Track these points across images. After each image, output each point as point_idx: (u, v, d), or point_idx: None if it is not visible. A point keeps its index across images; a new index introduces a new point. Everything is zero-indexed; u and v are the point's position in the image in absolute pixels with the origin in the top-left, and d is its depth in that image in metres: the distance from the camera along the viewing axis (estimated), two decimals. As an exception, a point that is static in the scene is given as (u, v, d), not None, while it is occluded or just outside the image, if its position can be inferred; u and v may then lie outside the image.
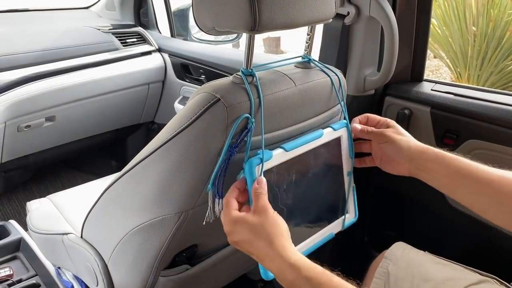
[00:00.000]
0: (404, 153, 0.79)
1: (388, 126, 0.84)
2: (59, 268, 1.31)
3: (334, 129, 0.82)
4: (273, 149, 0.72)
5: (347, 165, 0.87)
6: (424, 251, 0.98)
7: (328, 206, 0.86)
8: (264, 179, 0.68)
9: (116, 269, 0.93)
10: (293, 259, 0.63)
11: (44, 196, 1.33)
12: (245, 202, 0.70)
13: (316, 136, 0.79)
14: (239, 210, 0.68)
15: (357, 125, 0.84)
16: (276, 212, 0.67)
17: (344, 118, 0.87)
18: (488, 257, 1.15)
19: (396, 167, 0.82)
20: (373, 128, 0.83)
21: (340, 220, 0.88)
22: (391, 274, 0.92)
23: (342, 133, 0.84)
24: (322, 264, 0.64)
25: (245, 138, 0.69)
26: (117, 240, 0.88)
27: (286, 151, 0.73)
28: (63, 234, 1.08)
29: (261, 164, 0.68)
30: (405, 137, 0.81)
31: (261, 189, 0.67)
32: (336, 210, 0.88)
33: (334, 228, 0.87)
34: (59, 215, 1.20)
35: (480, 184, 0.72)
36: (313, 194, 0.82)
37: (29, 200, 1.35)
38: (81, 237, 1.03)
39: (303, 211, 0.79)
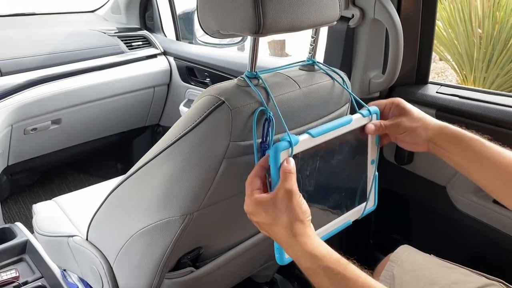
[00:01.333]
0: (423, 138, 0.78)
1: (399, 112, 0.81)
2: (64, 270, 1.32)
3: (364, 116, 0.79)
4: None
5: (372, 153, 0.85)
6: (430, 254, 0.97)
7: (348, 193, 0.85)
8: (292, 160, 0.66)
9: (121, 271, 0.93)
10: (310, 247, 0.63)
11: (50, 198, 1.34)
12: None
13: (345, 122, 0.76)
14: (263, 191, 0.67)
15: (371, 125, 0.81)
16: (301, 195, 0.66)
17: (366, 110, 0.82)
18: (494, 261, 1.14)
19: (415, 147, 0.81)
20: (386, 122, 0.81)
21: (359, 207, 0.87)
22: (396, 277, 0.92)
23: (369, 120, 0.81)
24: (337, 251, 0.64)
25: (268, 131, 0.69)
26: (122, 243, 0.88)
27: (313, 137, 0.71)
28: (69, 236, 1.08)
29: (289, 149, 0.67)
30: (421, 122, 0.79)
31: (291, 168, 0.65)
32: (355, 197, 0.87)
33: (352, 215, 0.86)
34: (65, 217, 1.20)
35: (496, 167, 0.72)
36: (335, 181, 0.80)
37: (35, 203, 1.35)
38: (87, 239, 1.03)
39: (324, 197, 0.79)
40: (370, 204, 0.90)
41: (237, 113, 0.67)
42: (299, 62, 0.86)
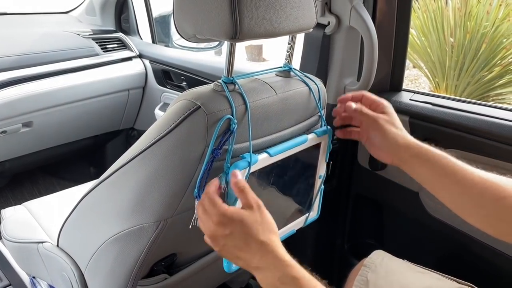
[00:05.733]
0: (390, 147, 0.79)
1: (383, 111, 0.81)
2: (33, 277, 1.28)
3: (317, 135, 0.84)
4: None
5: (321, 169, 0.90)
6: (403, 259, 0.99)
7: (296, 205, 0.90)
8: (239, 174, 0.66)
9: (92, 279, 0.92)
10: (286, 258, 0.62)
11: (20, 203, 1.30)
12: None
13: (300, 141, 0.81)
14: None
15: (353, 104, 0.81)
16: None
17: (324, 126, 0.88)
18: (465, 265, 1.16)
19: (380, 154, 0.82)
20: (368, 111, 0.81)
21: (303, 217, 0.92)
22: (370, 282, 0.93)
23: (324, 139, 0.86)
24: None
25: (227, 141, 0.69)
26: (94, 249, 0.86)
27: (271, 156, 0.74)
28: (39, 242, 1.06)
29: (246, 168, 0.69)
30: (395, 129, 0.79)
31: (245, 183, 0.65)
32: (302, 209, 0.92)
33: (296, 225, 0.91)
34: (35, 223, 1.17)
35: (463, 185, 0.72)
36: (285, 194, 0.85)
37: (4, 208, 1.31)
38: (57, 245, 1.00)
39: (274, 209, 0.80)
40: (313, 214, 0.95)
41: (213, 118, 0.66)
42: (275, 68, 0.86)
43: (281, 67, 0.86)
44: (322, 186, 0.93)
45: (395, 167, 0.79)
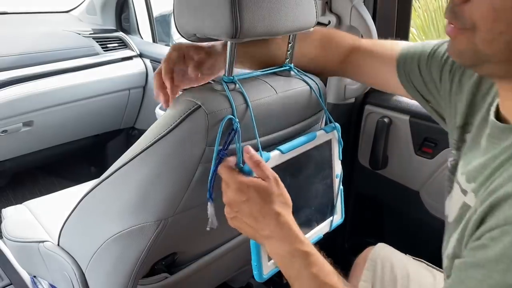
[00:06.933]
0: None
1: None
2: (34, 277, 1.28)
3: (326, 132, 0.84)
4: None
5: (337, 167, 0.88)
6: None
7: (317, 207, 0.87)
8: (252, 149, 0.67)
9: (93, 278, 0.92)
10: (298, 231, 0.63)
11: (20, 202, 1.30)
12: None
13: (310, 138, 0.80)
14: None
15: None
16: None
17: (329, 123, 0.87)
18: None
19: None
20: None
21: (328, 221, 0.89)
22: (377, 276, 0.93)
23: (333, 136, 0.85)
24: None
25: (233, 140, 0.68)
26: (95, 248, 0.86)
27: (283, 153, 0.74)
28: (39, 242, 1.06)
29: None
30: None
31: (260, 157, 0.65)
32: (325, 211, 0.89)
33: (322, 229, 0.87)
34: (36, 222, 1.17)
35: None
36: (304, 196, 0.82)
37: (5, 207, 1.32)
38: (58, 245, 1.00)
39: (294, 213, 0.79)
40: (337, 217, 0.92)
41: (214, 118, 0.66)
42: (276, 67, 0.86)
43: (281, 66, 0.86)
44: (341, 187, 0.91)
45: (396, 166, 0.80)
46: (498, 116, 0.57)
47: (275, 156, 0.72)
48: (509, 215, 0.44)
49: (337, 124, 0.86)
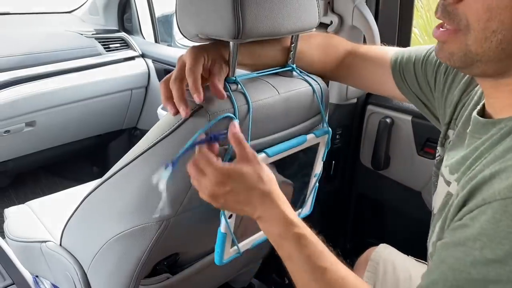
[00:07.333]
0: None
1: None
2: (36, 276, 1.29)
3: (316, 136, 0.84)
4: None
5: (317, 168, 0.91)
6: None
7: (290, 203, 0.89)
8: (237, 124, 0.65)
9: (95, 278, 0.92)
10: (287, 211, 0.62)
11: (23, 202, 1.30)
12: None
13: (299, 142, 0.81)
14: None
15: None
16: None
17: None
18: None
19: None
20: None
21: (297, 212, 0.91)
22: (379, 277, 0.93)
23: (322, 139, 0.87)
24: None
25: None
26: (97, 248, 0.86)
27: (269, 156, 0.75)
28: (42, 242, 1.06)
29: None
30: None
31: (243, 136, 0.64)
32: (296, 204, 0.93)
33: None
34: (38, 222, 1.18)
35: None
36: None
37: (7, 207, 1.32)
38: (60, 245, 1.01)
39: None
40: (305, 210, 0.97)
41: (216, 118, 0.66)
42: (278, 68, 0.86)
43: (283, 67, 0.86)
44: (317, 184, 0.94)
45: (398, 167, 0.80)
46: (484, 114, 0.59)
47: (260, 159, 0.71)
48: (486, 196, 0.46)
49: (329, 129, 0.87)
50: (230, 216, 0.74)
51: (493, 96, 0.56)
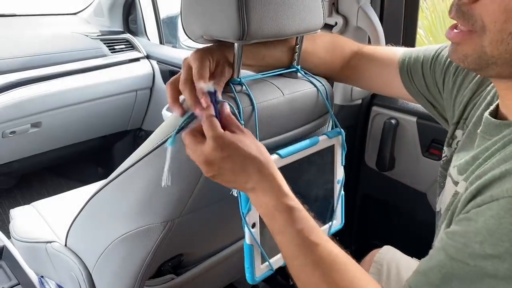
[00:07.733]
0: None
1: None
2: (42, 277, 1.29)
3: (329, 137, 0.82)
4: None
5: (338, 173, 0.87)
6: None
7: (316, 213, 0.86)
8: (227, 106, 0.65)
9: (100, 278, 0.92)
10: (280, 182, 0.61)
11: (28, 203, 1.31)
12: None
13: (311, 143, 0.79)
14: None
15: None
16: None
17: (335, 127, 0.86)
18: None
19: None
20: None
21: (326, 226, 0.88)
22: (382, 280, 0.93)
23: (336, 141, 0.84)
24: None
25: None
26: (102, 249, 0.87)
27: (282, 157, 0.73)
28: (47, 242, 1.06)
29: None
30: None
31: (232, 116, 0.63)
32: (324, 216, 0.88)
33: None
34: (43, 223, 1.18)
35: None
36: (303, 201, 0.82)
37: (13, 207, 1.32)
38: (65, 245, 1.01)
39: None
40: (337, 223, 0.91)
41: None
42: (282, 69, 0.86)
43: (288, 68, 0.86)
44: (343, 192, 0.90)
45: (403, 168, 0.79)
46: (497, 115, 0.58)
47: (273, 160, 0.71)
48: (494, 193, 0.46)
49: (342, 130, 0.84)
50: (254, 226, 0.70)
51: (508, 98, 0.55)
